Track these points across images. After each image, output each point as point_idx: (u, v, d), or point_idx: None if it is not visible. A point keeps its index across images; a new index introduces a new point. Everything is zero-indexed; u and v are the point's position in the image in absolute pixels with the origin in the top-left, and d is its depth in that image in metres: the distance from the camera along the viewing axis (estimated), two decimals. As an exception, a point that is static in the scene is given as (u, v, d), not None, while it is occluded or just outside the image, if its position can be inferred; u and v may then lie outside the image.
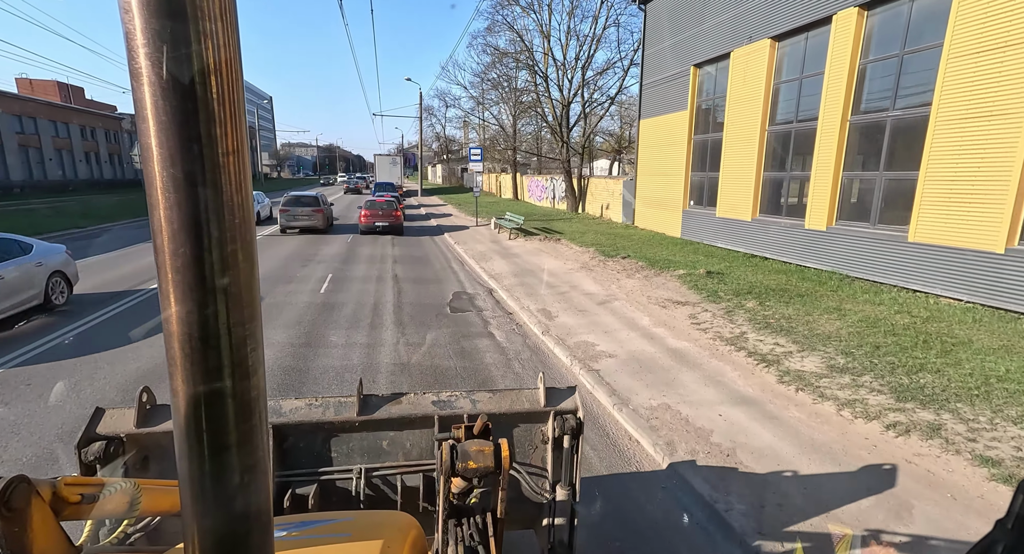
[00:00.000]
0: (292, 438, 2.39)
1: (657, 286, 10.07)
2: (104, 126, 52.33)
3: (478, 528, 1.72)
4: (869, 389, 5.39)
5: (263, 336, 0.64)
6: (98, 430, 2.16)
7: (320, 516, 1.68)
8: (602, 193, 23.70)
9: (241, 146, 0.56)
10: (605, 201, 23.39)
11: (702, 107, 15.84)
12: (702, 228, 15.51)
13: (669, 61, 16.98)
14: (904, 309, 8.12)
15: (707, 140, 15.49)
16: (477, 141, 57.77)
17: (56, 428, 4.75)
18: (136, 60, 0.50)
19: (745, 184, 13.43)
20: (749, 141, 13.21)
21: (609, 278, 10.93)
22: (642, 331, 7.55)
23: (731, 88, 13.80)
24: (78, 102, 58.73)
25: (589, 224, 20.98)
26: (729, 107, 13.91)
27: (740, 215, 13.66)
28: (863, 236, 10.11)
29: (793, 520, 3.54)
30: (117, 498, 1.28)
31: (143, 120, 0.52)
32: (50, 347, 6.83)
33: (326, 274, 11.67)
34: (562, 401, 2.48)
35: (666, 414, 5.06)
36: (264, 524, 0.66)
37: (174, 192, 0.53)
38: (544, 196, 32.59)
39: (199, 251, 0.55)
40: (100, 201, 31.66)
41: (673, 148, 16.96)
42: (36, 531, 1.07)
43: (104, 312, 8.48)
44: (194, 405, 0.58)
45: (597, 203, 24.23)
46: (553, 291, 10.05)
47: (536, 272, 11.84)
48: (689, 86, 15.79)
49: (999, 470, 3.97)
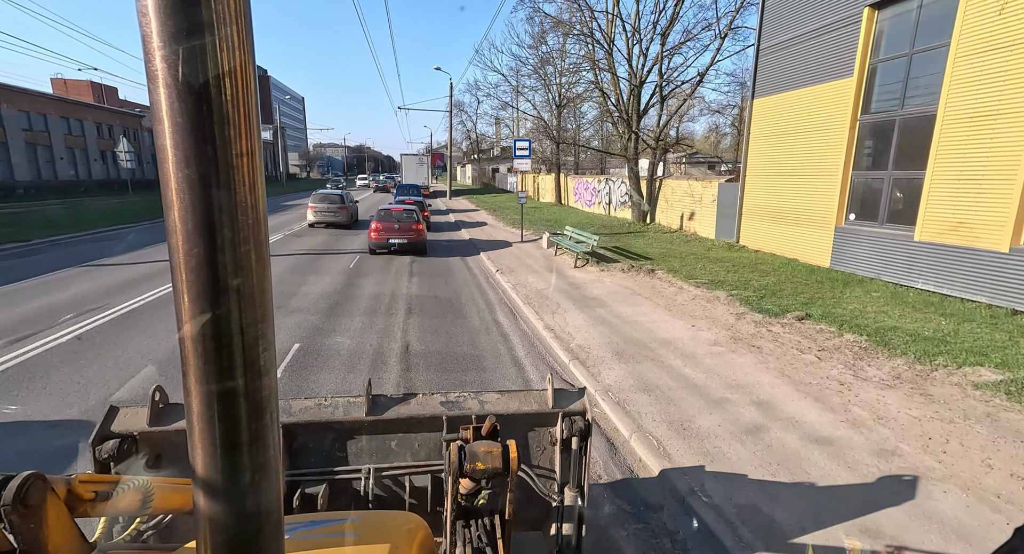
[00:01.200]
0: (302, 438, 2.38)
1: (966, 417, 4.75)
2: (122, 124, 49.79)
3: (486, 529, 1.73)
4: None
5: (275, 337, 0.64)
6: (112, 428, 2.15)
7: (328, 516, 1.68)
8: (682, 199, 18.32)
9: (254, 148, 0.56)
10: (687, 209, 18.03)
11: (877, 71, 10.37)
12: (877, 257, 10.05)
13: (814, 8, 11.55)
14: None
15: (891, 121, 10.02)
16: (510, 137, 53.34)
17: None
18: (153, 63, 0.50)
19: (992, 190, 7.96)
20: (1002, 117, 7.74)
21: (825, 384, 5.50)
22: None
23: (961, 29, 8.34)
24: (111, 102, 58.17)
25: (674, 242, 15.67)
26: (954, 62, 8.46)
27: (979, 241, 8.19)
28: None
29: None
30: (130, 496, 1.30)
31: (159, 122, 0.52)
32: None
33: (290, 345, 6.76)
34: (571, 403, 2.41)
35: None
36: (275, 523, 0.66)
37: (188, 193, 0.53)
38: (595, 201, 27.33)
39: (212, 252, 0.55)
40: (93, 205, 28.19)
41: (818, 135, 11.52)
42: (51, 527, 1.08)
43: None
44: (207, 404, 0.58)
45: (674, 212, 18.87)
46: (730, 425, 4.86)
47: (650, 348, 6.67)
48: (860, 39, 10.34)
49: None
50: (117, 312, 7.97)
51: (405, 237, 13.61)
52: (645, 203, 19.99)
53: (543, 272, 11.98)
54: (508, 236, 18.15)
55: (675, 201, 18.84)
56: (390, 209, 14.51)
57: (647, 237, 16.85)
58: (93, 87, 61.18)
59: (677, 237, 16.77)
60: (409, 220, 13.95)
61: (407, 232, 13.66)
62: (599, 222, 21.45)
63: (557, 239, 14.13)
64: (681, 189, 18.48)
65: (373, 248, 13.79)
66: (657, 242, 15.71)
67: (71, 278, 10.37)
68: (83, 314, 7.79)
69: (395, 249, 13.72)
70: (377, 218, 14.05)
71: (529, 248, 15.58)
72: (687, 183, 18.17)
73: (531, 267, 12.64)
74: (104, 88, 62.14)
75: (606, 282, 10.69)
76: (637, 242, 15.78)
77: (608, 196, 25.15)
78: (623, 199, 23.59)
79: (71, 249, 14.27)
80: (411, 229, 13.74)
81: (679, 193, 18.53)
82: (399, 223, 13.78)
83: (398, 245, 13.61)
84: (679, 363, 6.07)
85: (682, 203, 18.35)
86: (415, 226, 13.87)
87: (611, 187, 24.93)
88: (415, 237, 13.73)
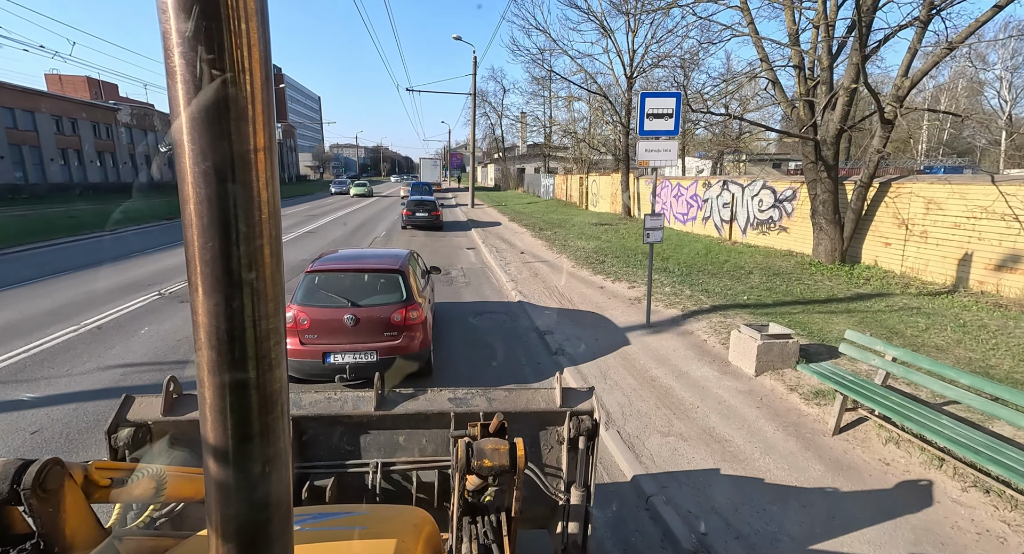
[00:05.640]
0: (311, 431, 2.38)
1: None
2: (90, 117, 42.23)
3: (492, 526, 1.71)
4: None
5: (287, 331, 0.72)
6: (127, 417, 2.18)
7: (336, 508, 1.67)
8: (964, 224, 8.84)
9: (271, 143, 0.57)
10: (964, 248, 8.60)
11: None
12: None
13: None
14: None
15: None
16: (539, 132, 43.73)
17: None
18: (171, 59, 0.51)
19: None
20: None
21: None
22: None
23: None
24: (111, 99, 52.21)
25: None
26: None
27: None
28: None
29: None
30: (144, 483, 1.33)
31: (176, 117, 0.53)
32: None
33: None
34: (579, 402, 2.40)
35: None
36: (284, 513, 0.67)
37: (205, 187, 0.54)
38: (694, 215, 17.99)
39: (227, 246, 0.55)
40: (56, 212, 20.94)
41: None
42: (68, 512, 1.11)
43: None
44: (219, 395, 0.59)
45: (935, 249, 9.40)
46: None
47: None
48: None
49: None
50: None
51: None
52: (831, 226, 10.54)
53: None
54: (588, 290, 8.92)
55: (936, 227, 9.31)
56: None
57: (939, 318, 7.44)
58: (91, 83, 56.94)
59: (983, 313, 7.34)
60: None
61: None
62: (736, 260, 12.08)
63: (813, 372, 4.79)
64: (965, 202, 8.91)
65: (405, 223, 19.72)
66: (973, 337, 6.33)
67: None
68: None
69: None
70: (406, 207, 19.91)
71: (658, 344, 6.34)
72: (984, 189, 8.59)
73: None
74: (103, 84, 57.43)
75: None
76: (937, 338, 6.45)
77: (727, 210, 15.74)
78: (763, 215, 14.16)
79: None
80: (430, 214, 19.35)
81: (955, 211, 8.99)
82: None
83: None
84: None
85: (962, 233, 8.87)
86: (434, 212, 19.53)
87: (735, 195, 15.51)
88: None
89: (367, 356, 5.16)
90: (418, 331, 5.38)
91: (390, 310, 5.28)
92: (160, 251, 14.21)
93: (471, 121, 30.83)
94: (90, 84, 57.18)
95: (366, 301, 5.34)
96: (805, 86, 10.86)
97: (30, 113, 36.30)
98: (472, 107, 28.64)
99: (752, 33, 11.36)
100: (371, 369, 5.02)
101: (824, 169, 10.50)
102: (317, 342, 5.14)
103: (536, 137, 48.22)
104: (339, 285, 5.44)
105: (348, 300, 5.30)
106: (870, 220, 10.64)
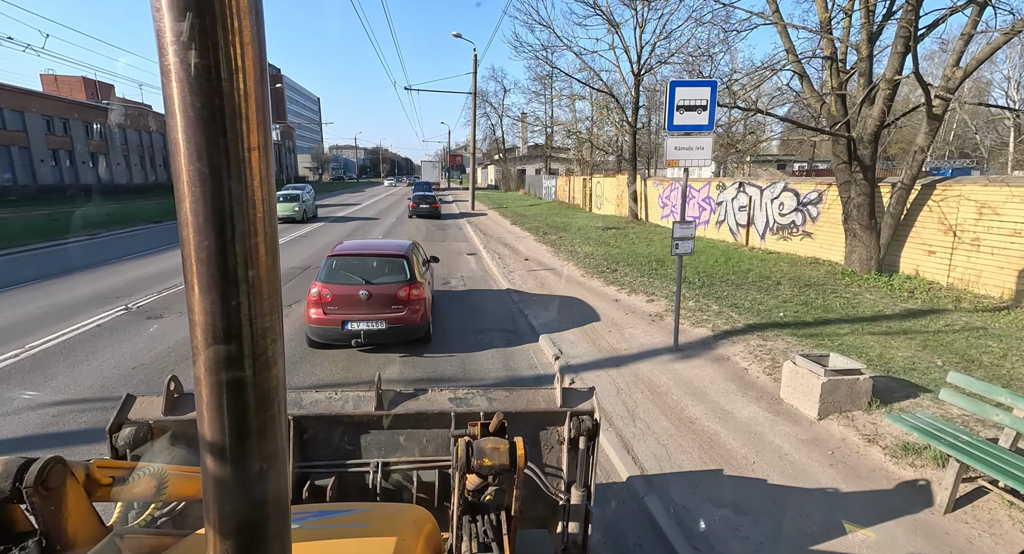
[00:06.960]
0: (312, 430, 2.37)
1: None
2: (82, 117, 41.33)
3: (492, 525, 1.70)
4: None
5: (283, 329, 0.64)
6: (128, 416, 2.18)
7: (337, 507, 1.66)
8: (1022, 235, 7.89)
9: (266, 142, 0.57)
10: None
11: None
12: None
13: None
14: None
15: None
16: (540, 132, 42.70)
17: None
18: (166, 57, 0.51)
19: None
20: None
21: None
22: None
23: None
24: (107, 99, 50.87)
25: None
26: None
27: None
28: None
29: None
30: (145, 482, 1.31)
31: (171, 115, 0.52)
32: None
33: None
34: (580, 402, 2.38)
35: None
36: (282, 511, 0.66)
37: (200, 186, 0.53)
38: (707, 219, 17.03)
39: (223, 243, 0.55)
40: (40, 215, 20.39)
41: None
42: (70, 510, 1.11)
43: None
44: (216, 393, 0.59)
45: (988, 258, 8.45)
46: None
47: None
48: None
49: None
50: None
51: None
52: (868, 234, 9.59)
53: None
54: (622, 319, 7.97)
55: (990, 233, 8.37)
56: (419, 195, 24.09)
57: (1013, 340, 6.50)
58: (86, 84, 56.04)
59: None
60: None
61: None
62: (760, 268, 11.14)
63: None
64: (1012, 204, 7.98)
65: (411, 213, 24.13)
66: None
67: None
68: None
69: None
70: (412, 200, 24.46)
71: (728, 399, 5.37)
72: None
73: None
74: (99, 84, 56.61)
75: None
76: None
77: (743, 214, 14.79)
78: (785, 219, 13.21)
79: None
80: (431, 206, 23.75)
81: (1015, 215, 8.04)
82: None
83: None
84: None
85: (1015, 239, 7.92)
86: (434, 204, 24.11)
87: (752, 197, 14.56)
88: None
89: (378, 324, 6.17)
90: (419, 305, 6.38)
91: (396, 287, 6.34)
92: (139, 257, 13.26)
93: (471, 121, 29.93)
94: (86, 84, 56.33)
95: (377, 280, 6.40)
96: (837, 79, 9.91)
97: (19, 113, 35.43)
98: (472, 107, 27.70)
99: (778, 20, 10.41)
100: (381, 336, 6.19)
101: (860, 169, 9.54)
102: (337, 313, 6.18)
103: (537, 138, 47.29)
104: (355, 267, 6.54)
105: (362, 278, 6.39)
106: (910, 226, 9.68)
